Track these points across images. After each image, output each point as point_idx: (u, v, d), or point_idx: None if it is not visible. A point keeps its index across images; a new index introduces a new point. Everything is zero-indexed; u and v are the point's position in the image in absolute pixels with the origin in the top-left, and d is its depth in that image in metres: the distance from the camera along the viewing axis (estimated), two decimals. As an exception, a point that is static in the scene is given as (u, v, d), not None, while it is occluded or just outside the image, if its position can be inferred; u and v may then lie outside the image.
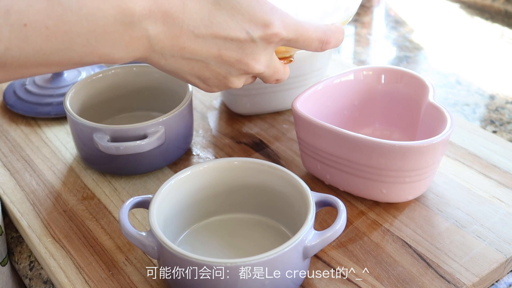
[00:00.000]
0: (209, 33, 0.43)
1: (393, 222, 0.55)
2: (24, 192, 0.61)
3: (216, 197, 0.54)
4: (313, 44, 0.48)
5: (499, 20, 1.01)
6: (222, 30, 0.43)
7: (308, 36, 0.47)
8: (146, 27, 0.41)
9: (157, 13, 0.41)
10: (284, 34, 0.45)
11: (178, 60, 0.44)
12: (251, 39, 0.44)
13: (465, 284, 0.48)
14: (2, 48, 0.37)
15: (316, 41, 0.48)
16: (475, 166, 0.61)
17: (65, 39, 0.38)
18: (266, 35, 0.44)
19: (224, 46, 0.44)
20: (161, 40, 0.42)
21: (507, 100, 0.77)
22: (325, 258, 0.51)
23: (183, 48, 0.43)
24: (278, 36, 0.45)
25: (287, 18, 0.45)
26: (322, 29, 0.48)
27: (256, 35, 0.44)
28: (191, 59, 0.44)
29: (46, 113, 0.73)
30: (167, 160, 0.64)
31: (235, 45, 0.44)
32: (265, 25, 0.44)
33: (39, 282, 0.54)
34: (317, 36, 0.47)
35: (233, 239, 0.53)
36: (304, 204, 0.48)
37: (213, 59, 0.45)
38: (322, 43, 0.48)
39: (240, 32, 0.44)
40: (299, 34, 0.46)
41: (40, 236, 0.55)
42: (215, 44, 0.44)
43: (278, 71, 0.50)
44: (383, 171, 0.53)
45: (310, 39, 0.47)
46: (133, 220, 0.57)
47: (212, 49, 0.44)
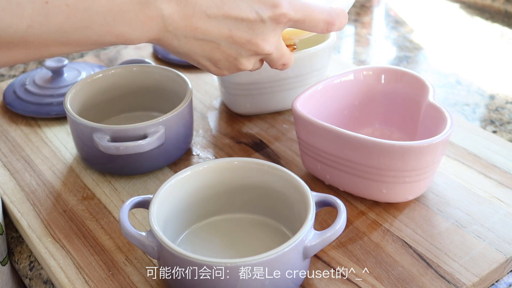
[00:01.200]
0: (220, 13, 0.45)
1: (393, 222, 0.55)
2: (24, 192, 0.61)
3: (216, 197, 0.54)
4: (319, 25, 0.49)
5: (499, 20, 1.01)
6: (233, 10, 0.45)
7: (314, 17, 0.48)
8: (161, 6, 0.43)
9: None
10: (292, 14, 0.47)
11: (190, 41, 0.46)
12: (260, 19, 0.46)
13: (465, 284, 0.48)
14: (25, 25, 0.38)
15: (322, 22, 0.49)
16: (475, 166, 0.61)
17: (85, 17, 0.40)
18: (275, 15, 0.46)
19: (234, 26, 0.46)
20: (174, 20, 0.44)
21: (507, 100, 0.77)
22: (325, 258, 0.51)
23: (195, 28, 0.45)
24: (286, 16, 0.47)
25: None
26: (328, 11, 0.50)
27: (265, 15, 0.46)
28: (203, 39, 0.46)
29: (46, 113, 0.73)
30: (167, 160, 0.64)
31: (245, 25, 0.46)
32: (274, 6, 0.46)
33: (39, 282, 0.54)
34: (323, 18, 0.49)
35: (233, 239, 0.53)
36: (304, 204, 0.48)
37: (224, 40, 0.46)
38: (328, 24, 0.50)
39: (250, 12, 0.45)
40: (306, 15, 0.48)
41: (40, 236, 0.55)
42: (226, 24, 0.45)
43: (285, 55, 0.51)
44: (383, 171, 0.53)
45: (316, 20, 0.49)
46: (133, 220, 0.57)
47: (223, 29, 0.46)
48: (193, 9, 0.44)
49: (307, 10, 0.48)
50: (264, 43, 0.48)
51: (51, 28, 0.39)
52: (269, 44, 0.48)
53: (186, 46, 0.46)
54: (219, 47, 0.47)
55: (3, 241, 0.58)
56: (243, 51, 0.48)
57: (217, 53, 0.48)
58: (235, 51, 0.48)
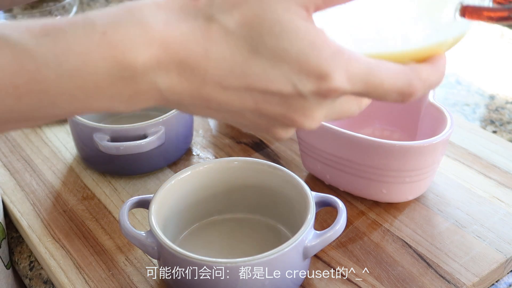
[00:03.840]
0: (241, 85, 0.33)
1: (393, 222, 0.55)
2: (24, 192, 0.61)
3: (216, 197, 0.54)
4: (389, 97, 0.34)
5: (499, 20, 1.01)
6: (259, 82, 0.33)
7: (383, 88, 0.34)
8: (155, 79, 0.32)
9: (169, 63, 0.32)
10: (348, 87, 0.33)
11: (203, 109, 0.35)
12: (298, 93, 0.33)
13: (465, 284, 0.48)
14: None
15: (395, 93, 0.34)
16: (475, 166, 0.61)
17: (43, 98, 0.31)
18: (320, 90, 0.33)
19: (262, 99, 0.34)
20: (176, 92, 0.33)
21: (507, 100, 0.77)
22: (325, 258, 0.51)
23: (207, 100, 0.34)
24: (338, 91, 0.33)
25: (355, 65, 0.33)
26: (406, 77, 0.34)
27: (306, 89, 0.33)
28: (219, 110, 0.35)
29: (46, 113, 0.73)
30: (167, 160, 0.64)
31: (277, 99, 0.33)
32: (320, 77, 0.32)
33: (39, 282, 0.54)
34: (397, 88, 0.34)
35: (233, 239, 0.53)
36: (304, 204, 0.48)
37: (249, 112, 0.34)
38: (404, 95, 0.34)
39: (285, 85, 0.33)
40: (369, 87, 0.33)
41: (40, 236, 0.55)
42: (251, 96, 0.33)
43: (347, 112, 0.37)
44: (383, 171, 0.53)
45: (386, 92, 0.34)
46: (133, 220, 0.57)
47: (246, 102, 0.34)
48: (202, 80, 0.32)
49: (372, 79, 0.33)
50: (304, 119, 0.34)
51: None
52: (312, 120, 0.35)
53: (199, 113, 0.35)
54: (243, 116, 0.35)
55: (6, 246, 0.58)
56: (276, 123, 0.35)
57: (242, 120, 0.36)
58: (265, 122, 0.35)
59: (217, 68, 0.32)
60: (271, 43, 0.32)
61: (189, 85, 0.33)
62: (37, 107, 0.31)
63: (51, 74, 0.30)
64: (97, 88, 0.31)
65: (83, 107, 0.32)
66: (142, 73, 0.31)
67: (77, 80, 0.30)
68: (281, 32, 0.31)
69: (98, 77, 0.31)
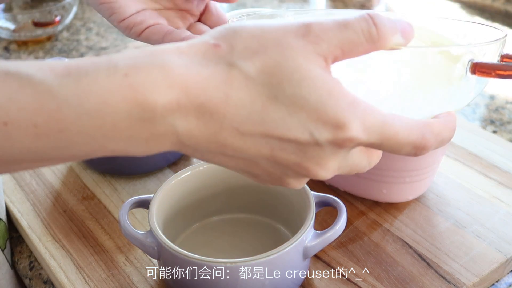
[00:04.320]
0: (258, 132, 0.33)
1: (393, 222, 0.55)
2: (24, 192, 0.61)
3: (216, 197, 0.54)
4: (403, 150, 0.35)
5: (499, 20, 1.01)
6: (277, 129, 0.33)
7: (397, 140, 0.34)
8: (173, 122, 0.32)
9: (189, 106, 0.32)
10: (363, 138, 0.33)
11: (217, 156, 0.35)
12: (315, 142, 0.33)
13: (465, 284, 0.48)
14: None
15: (408, 146, 0.35)
16: (475, 166, 0.61)
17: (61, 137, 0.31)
18: (337, 140, 0.33)
19: (278, 146, 0.34)
20: (193, 136, 0.33)
21: (507, 100, 0.77)
22: (325, 258, 0.51)
23: (223, 145, 0.34)
24: (354, 141, 0.33)
25: (371, 116, 0.33)
26: (419, 130, 0.35)
27: (323, 138, 0.33)
28: (234, 156, 0.35)
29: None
30: (167, 160, 0.64)
31: (293, 147, 0.34)
32: (337, 127, 0.33)
33: (39, 282, 0.54)
34: (411, 141, 0.35)
35: (233, 239, 0.53)
36: (304, 204, 0.48)
37: (264, 159, 0.35)
38: (417, 149, 0.35)
39: (302, 133, 0.33)
40: (384, 138, 0.34)
41: (40, 236, 0.55)
42: (267, 143, 0.34)
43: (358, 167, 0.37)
44: (383, 171, 0.53)
45: (400, 144, 0.35)
46: (133, 220, 0.57)
47: (262, 148, 0.34)
48: (220, 125, 0.32)
49: (387, 131, 0.34)
50: (318, 169, 0.35)
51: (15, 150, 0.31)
52: (326, 170, 0.35)
53: (213, 160, 0.35)
54: (257, 164, 0.35)
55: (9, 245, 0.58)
56: (290, 172, 0.35)
57: (255, 169, 0.36)
58: (279, 171, 0.35)
59: (236, 114, 0.32)
60: (290, 91, 0.32)
61: (207, 130, 0.33)
62: (54, 147, 0.31)
63: (71, 113, 0.30)
64: (116, 129, 0.31)
65: (99, 149, 0.33)
66: (161, 115, 0.31)
67: (97, 120, 0.31)
68: (300, 80, 0.32)
69: (118, 118, 0.31)
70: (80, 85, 0.30)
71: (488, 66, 0.37)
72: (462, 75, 0.38)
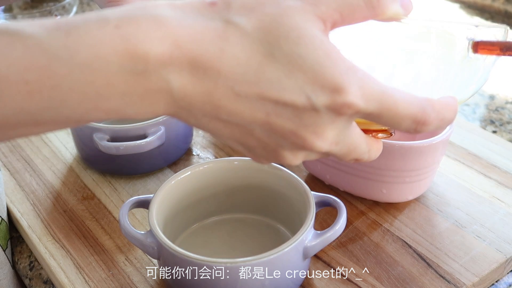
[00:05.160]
0: (254, 92, 0.32)
1: (393, 222, 0.55)
2: (24, 192, 0.61)
3: (216, 197, 0.54)
4: (403, 123, 0.34)
5: (499, 20, 1.01)
6: (273, 90, 0.32)
7: (397, 111, 0.33)
8: (167, 77, 0.31)
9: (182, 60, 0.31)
10: (362, 105, 0.32)
11: (212, 121, 0.33)
12: (312, 106, 0.32)
13: (465, 284, 0.48)
14: None
15: (408, 119, 0.34)
16: (475, 166, 0.61)
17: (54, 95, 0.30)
18: (334, 104, 0.32)
19: (274, 111, 0.32)
20: (188, 94, 0.32)
21: (507, 100, 0.77)
22: (325, 258, 0.51)
23: (218, 107, 0.32)
24: (352, 108, 0.32)
25: (369, 83, 0.32)
26: (420, 104, 0.34)
27: (320, 102, 0.31)
28: (229, 121, 0.33)
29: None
30: (167, 160, 0.64)
31: (289, 111, 0.32)
32: (334, 90, 0.31)
33: (39, 282, 0.54)
34: (411, 113, 0.33)
35: (233, 239, 0.53)
36: (304, 204, 0.48)
37: (259, 126, 0.33)
38: (417, 123, 0.34)
39: (298, 95, 0.32)
40: (383, 107, 0.33)
41: (40, 236, 0.55)
42: (263, 107, 0.32)
43: (357, 150, 0.36)
44: (383, 171, 0.53)
45: (400, 116, 0.33)
46: (133, 220, 0.57)
47: (257, 113, 0.32)
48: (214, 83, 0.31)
49: (387, 100, 0.32)
50: (315, 138, 0.33)
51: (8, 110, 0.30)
52: (323, 140, 0.33)
53: (207, 126, 0.34)
54: (252, 133, 0.34)
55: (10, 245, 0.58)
56: (285, 143, 0.34)
57: (250, 140, 0.34)
58: (274, 141, 0.34)
59: (231, 71, 0.31)
60: (287, 49, 0.31)
61: (201, 88, 0.32)
62: (47, 107, 0.30)
63: (62, 68, 0.29)
64: (108, 85, 0.30)
65: (93, 109, 0.31)
66: (154, 68, 0.30)
67: (88, 74, 0.30)
68: (298, 38, 0.31)
69: (110, 72, 0.30)
70: (70, 38, 0.29)
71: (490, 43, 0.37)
72: (464, 56, 0.37)
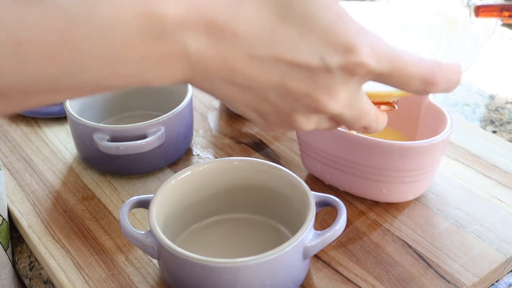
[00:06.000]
0: (269, 54, 0.33)
1: (393, 222, 0.55)
2: (24, 192, 0.61)
3: (216, 197, 0.54)
4: (412, 83, 0.35)
5: (499, 20, 1.01)
6: (287, 51, 0.33)
7: (406, 71, 0.34)
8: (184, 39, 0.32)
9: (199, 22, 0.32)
10: (374, 64, 0.33)
11: (227, 86, 0.34)
12: (325, 67, 0.33)
13: (465, 284, 0.48)
14: None
15: (418, 79, 0.35)
16: (475, 166, 0.61)
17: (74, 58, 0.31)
18: (347, 64, 0.33)
19: (288, 73, 0.33)
20: (204, 58, 0.33)
21: (507, 100, 0.77)
22: (325, 258, 0.51)
23: (234, 70, 0.33)
24: (364, 67, 0.33)
25: (380, 44, 0.34)
26: (428, 64, 0.35)
27: (333, 62, 0.33)
28: (244, 86, 0.34)
29: (46, 113, 0.73)
30: (167, 160, 0.64)
31: (303, 73, 0.33)
32: (347, 50, 0.33)
33: (39, 282, 0.54)
34: (420, 73, 0.35)
35: (233, 239, 0.53)
36: (304, 204, 0.48)
37: (273, 89, 0.34)
38: (426, 83, 0.35)
39: (312, 56, 0.33)
40: (394, 67, 0.34)
41: (40, 236, 0.55)
42: (277, 69, 0.33)
43: (367, 116, 0.37)
44: (383, 171, 0.53)
45: (410, 76, 0.34)
46: (133, 220, 0.57)
47: (272, 75, 0.33)
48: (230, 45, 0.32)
49: (397, 60, 0.34)
50: (328, 99, 0.34)
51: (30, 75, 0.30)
52: (336, 101, 0.34)
53: (223, 91, 0.35)
54: (266, 98, 0.35)
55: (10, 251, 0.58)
56: (298, 107, 0.35)
57: (264, 105, 0.35)
58: (287, 105, 0.35)
59: (246, 33, 0.32)
60: (299, 10, 0.32)
61: (217, 50, 0.33)
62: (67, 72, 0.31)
63: (82, 30, 0.30)
64: (127, 48, 0.31)
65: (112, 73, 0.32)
66: (171, 31, 0.31)
67: (107, 37, 0.30)
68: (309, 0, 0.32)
69: (128, 34, 0.31)
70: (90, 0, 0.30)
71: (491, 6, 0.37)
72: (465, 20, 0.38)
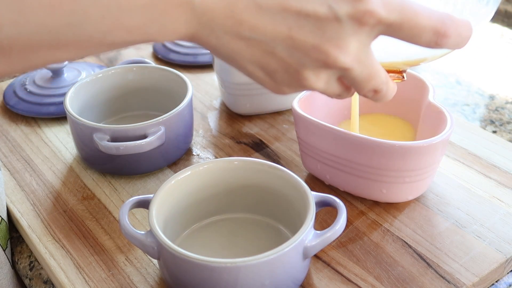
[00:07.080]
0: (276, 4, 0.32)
1: (393, 222, 0.55)
2: (24, 192, 0.61)
3: (216, 197, 0.54)
4: (424, 35, 0.34)
5: (499, 20, 1.01)
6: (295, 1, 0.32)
7: (418, 21, 0.33)
8: None
9: None
10: (383, 14, 0.32)
11: (234, 40, 0.33)
12: (334, 16, 0.32)
13: (465, 284, 0.48)
14: None
15: (429, 30, 0.33)
16: (475, 166, 0.61)
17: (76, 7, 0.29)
18: (357, 13, 0.32)
19: (296, 24, 0.32)
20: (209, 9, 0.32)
21: (507, 100, 0.77)
22: (325, 258, 0.51)
23: (240, 22, 0.32)
24: (374, 16, 0.32)
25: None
26: (439, 16, 0.34)
27: (342, 11, 0.32)
28: (251, 39, 0.33)
29: (46, 113, 0.73)
30: (167, 160, 0.64)
31: (311, 23, 0.32)
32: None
33: (39, 282, 0.54)
34: (432, 24, 0.33)
35: (233, 239, 0.53)
36: (304, 204, 0.48)
37: (281, 42, 0.33)
38: (438, 35, 0.34)
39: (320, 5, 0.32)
40: (404, 17, 0.33)
41: (40, 236, 0.55)
42: (285, 20, 0.32)
43: (377, 76, 0.35)
44: (383, 171, 0.53)
45: (420, 27, 0.33)
46: (133, 220, 0.57)
47: (280, 27, 0.32)
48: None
49: (408, 10, 0.33)
50: (338, 51, 0.33)
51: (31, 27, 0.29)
52: (345, 54, 0.33)
53: (229, 46, 0.34)
54: (274, 52, 0.33)
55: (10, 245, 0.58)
56: (307, 61, 0.33)
57: (272, 61, 0.34)
58: (296, 60, 0.34)
59: None
60: None
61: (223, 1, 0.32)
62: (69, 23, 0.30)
63: None
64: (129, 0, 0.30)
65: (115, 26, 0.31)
66: None
67: None
68: None
69: None
70: None
71: None
72: None
